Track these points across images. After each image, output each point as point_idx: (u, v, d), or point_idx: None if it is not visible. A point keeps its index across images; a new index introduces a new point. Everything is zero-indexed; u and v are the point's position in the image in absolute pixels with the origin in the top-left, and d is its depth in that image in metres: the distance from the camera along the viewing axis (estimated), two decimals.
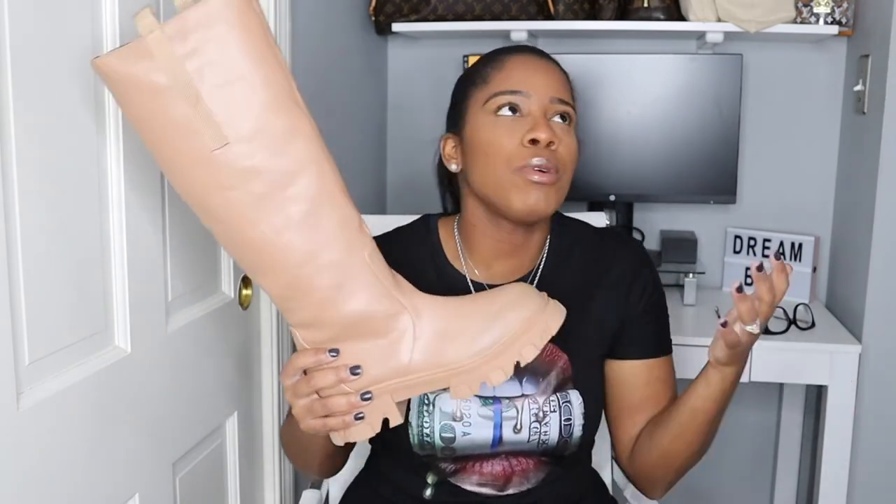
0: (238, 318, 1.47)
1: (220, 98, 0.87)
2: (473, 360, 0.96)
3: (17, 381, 0.91)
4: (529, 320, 0.97)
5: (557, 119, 1.12)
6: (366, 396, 0.97)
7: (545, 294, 1.02)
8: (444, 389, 0.99)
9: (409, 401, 1.08)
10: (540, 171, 1.08)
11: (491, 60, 1.17)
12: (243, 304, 1.47)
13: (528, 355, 0.97)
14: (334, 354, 0.97)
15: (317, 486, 1.51)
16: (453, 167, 1.18)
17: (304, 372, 0.99)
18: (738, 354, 1.04)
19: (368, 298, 0.95)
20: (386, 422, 0.99)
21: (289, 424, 1.18)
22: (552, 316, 0.99)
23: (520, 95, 1.11)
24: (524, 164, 1.08)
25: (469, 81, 1.17)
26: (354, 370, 0.96)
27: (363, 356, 0.97)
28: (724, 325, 1.00)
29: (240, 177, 0.89)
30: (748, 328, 0.99)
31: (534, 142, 1.08)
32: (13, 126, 0.89)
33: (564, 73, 1.17)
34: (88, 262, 1.04)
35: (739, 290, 0.97)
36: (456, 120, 1.18)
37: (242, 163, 0.88)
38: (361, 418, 0.98)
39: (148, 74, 0.86)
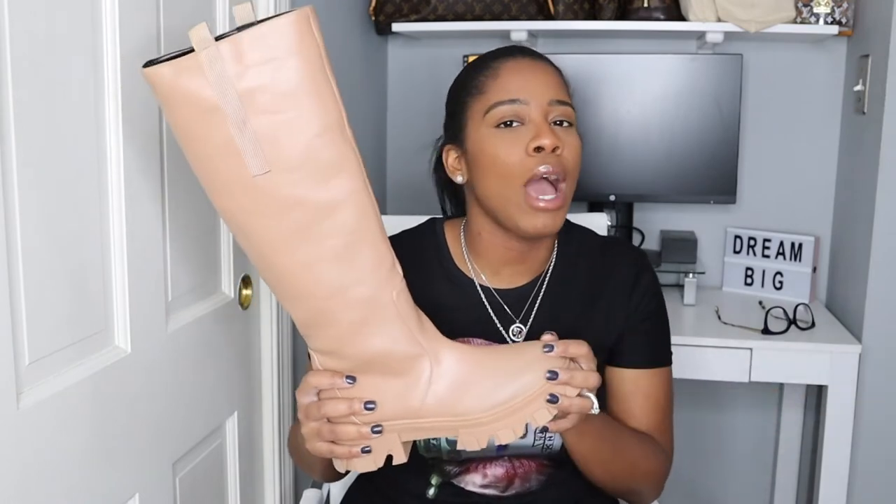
0: (238, 318, 1.47)
1: (269, 124, 0.83)
2: (485, 415, 0.95)
3: (17, 381, 0.91)
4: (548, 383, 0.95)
5: (559, 123, 1.10)
6: (376, 430, 0.96)
7: None
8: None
9: (414, 441, 1.06)
10: (546, 183, 1.07)
11: (484, 68, 1.14)
12: (243, 304, 1.47)
13: (540, 419, 0.94)
14: (350, 382, 0.96)
15: (318, 485, 1.51)
16: (459, 179, 1.16)
17: (319, 394, 0.98)
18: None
19: (390, 338, 0.94)
20: (389, 458, 0.98)
21: (295, 430, 1.17)
22: None
23: (518, 104, 1.09)
24: (531, 175, 1.07)
25: (464, 91, 1.15)
26: (368, 405, 0.96)
27: (378, 391, 0.96)
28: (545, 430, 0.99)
29: (280, 205, 0.87)
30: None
31: (539, 149, 1.07)
32: (13, 126, 0.89)
33: (559, 71, 1.15)
34: (88, 262, 1.04)
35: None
36: (456, 132, 1.16)
37: (284, 191, 0.86)
38: (368, 451, 0.97)
39: (198, 91, 0.83)
